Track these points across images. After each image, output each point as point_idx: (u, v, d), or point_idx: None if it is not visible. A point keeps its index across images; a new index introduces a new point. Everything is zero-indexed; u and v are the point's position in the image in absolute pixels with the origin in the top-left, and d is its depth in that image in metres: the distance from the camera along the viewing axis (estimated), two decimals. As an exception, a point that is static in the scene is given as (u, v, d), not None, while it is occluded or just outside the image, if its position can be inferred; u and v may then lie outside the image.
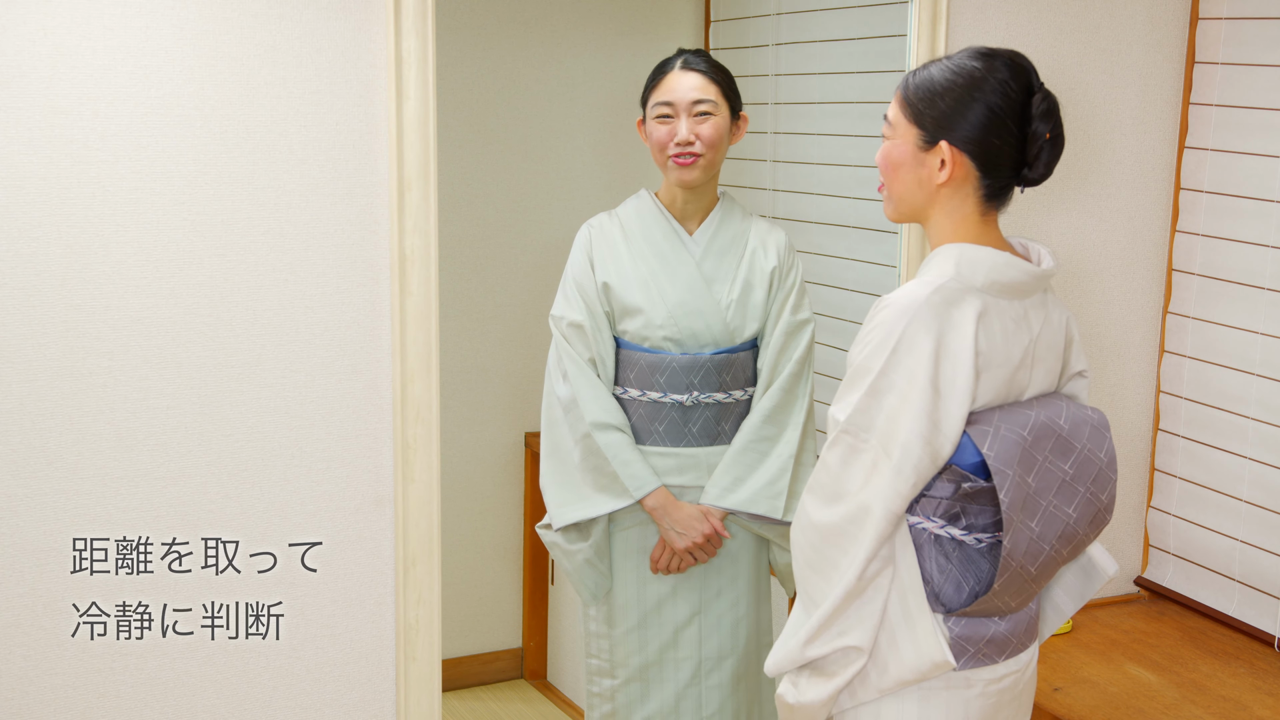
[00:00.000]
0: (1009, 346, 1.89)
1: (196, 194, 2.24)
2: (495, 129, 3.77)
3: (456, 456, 3.85)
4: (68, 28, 2.13)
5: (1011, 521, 1.85)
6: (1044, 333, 1.95)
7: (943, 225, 1.93)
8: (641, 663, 2.71)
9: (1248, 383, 2.90)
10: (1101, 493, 1.96)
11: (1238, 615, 2.94)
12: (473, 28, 3.69)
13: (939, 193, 1.91)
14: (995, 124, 1.86)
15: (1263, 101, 2.85)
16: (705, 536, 2.62)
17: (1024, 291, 1.92)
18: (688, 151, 2.60)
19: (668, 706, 2.72)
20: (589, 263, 2.66)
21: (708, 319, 2.64)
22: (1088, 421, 1.95)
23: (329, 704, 2.44)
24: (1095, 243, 3.04)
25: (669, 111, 2.61)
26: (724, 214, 2.71)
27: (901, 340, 1.81)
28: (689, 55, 2.65)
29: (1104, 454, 1.95)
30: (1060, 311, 2.01)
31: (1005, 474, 1.84)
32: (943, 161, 1.88)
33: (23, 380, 2.18)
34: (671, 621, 2.71)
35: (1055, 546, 1.92)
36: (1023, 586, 1.92)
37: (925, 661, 1.88)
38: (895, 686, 1.90)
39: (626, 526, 2.70)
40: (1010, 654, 1.96)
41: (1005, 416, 1.87)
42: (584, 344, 2.64)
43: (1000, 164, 1.89)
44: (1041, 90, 1.89)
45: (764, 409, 2.67)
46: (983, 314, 1.85)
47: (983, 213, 1.92)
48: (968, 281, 1.86)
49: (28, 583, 2.23)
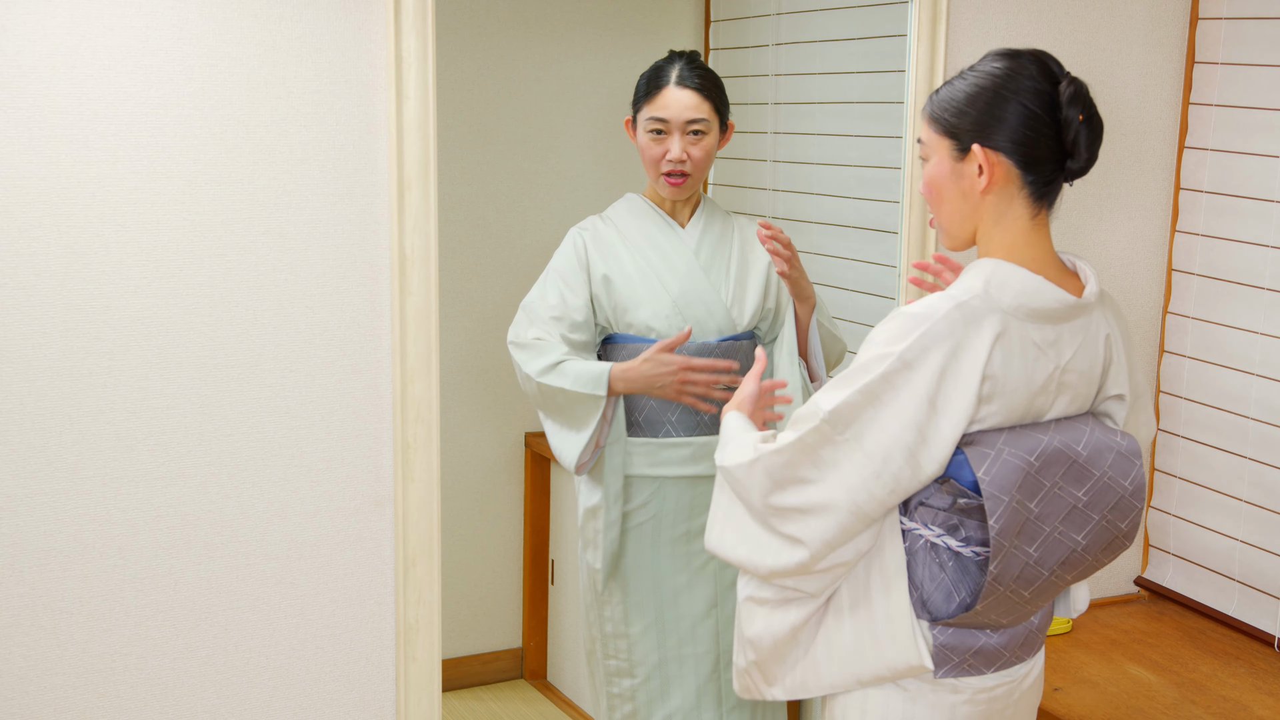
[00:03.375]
0: (1029, 372, 1.83)
1: (196, 194, 2.24)
2: (495, 129, 3.77)
3: (456, 456, 3.85)
4: (68, 28, 2.13)
5: (1001, 548, 1.81)
6: (1076, 359, 1.88)
7: (993, 235, 1.87)
8: (660, 658, 2.72)
9: (1248, 383, 2.90)
10: (1121, 521, 1.90)
11: (1238, 615, 2.94)
12: (473, 28, 3.70)
13: (984, 201, 1.86)
14: (1026, 118, 1.82)
15: (1263, 101, 2.85)
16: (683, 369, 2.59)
17: (1057, 318, 1.86)
18: (679, 170, 2.66)
19: (689, 702, 2.72)
20: (579, 265, 2.67)
21: (710, 306, 2.69)
22: (1113, 448, 1.88)
23: (329, 704, 2.44)
24: (1095, 243, 3.04)
25: (662, 128, 2.65)
26: (709, 210, 2.79)
27: (908, 350, 1.76)
28: (684, 68, 2.65)
29: (1130, 482, 1.89)
30: (1103, 330, 1.93)
31: (999, 500, 1.79)
32: (980, 167, 1.84)
33: (23, 380, 2.18)
34: (689, 615, 2.71)
35: (1056, 572, 1.87)
36: (1014, 607, 1.88)
37: (900, 661, 1.86)
38: (873, 680, 1.89)
39: (639, 522, 2.71)
40: (1002, 666, 1.93)
41: (1012, 439, 1.82)
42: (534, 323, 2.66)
43: (1039, 157, 1.84)
44: (1068, 77, 1.85)
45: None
46: (1001, 336, 1.80)
47: (1032, 215, 1.86)
48: (994, 301, 1.81)
49: (28, 583, 2.23)
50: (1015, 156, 1.84)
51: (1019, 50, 1.89)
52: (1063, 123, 1.83)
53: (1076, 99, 1.83)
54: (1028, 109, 1.82)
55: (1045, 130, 1.83)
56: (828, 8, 3.28)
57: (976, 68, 1.88)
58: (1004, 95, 1.83)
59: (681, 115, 2.63)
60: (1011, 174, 1.85)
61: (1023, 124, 1.83)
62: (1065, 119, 1.83)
